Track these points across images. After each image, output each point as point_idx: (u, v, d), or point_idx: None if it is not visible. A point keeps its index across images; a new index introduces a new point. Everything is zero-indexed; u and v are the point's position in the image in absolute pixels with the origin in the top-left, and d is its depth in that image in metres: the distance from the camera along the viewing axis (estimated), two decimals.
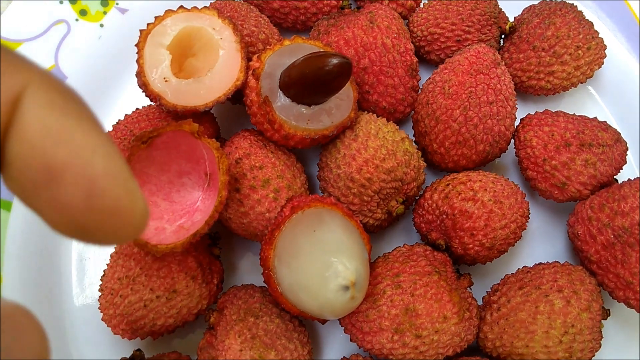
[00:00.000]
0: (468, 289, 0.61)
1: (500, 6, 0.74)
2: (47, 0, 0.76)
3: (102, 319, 0.62)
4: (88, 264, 0.71)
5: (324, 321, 0.60)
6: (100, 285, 0.63)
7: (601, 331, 0.59)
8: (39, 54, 0.75)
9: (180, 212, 0.60)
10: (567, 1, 0.73)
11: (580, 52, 0.69)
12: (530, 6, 0.75)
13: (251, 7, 0.72)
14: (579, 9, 0.72)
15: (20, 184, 0.21)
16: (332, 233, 0.55)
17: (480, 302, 0.64)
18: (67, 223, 0.21)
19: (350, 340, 0.60)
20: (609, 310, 0.61)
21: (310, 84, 0.57)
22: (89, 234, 0.22)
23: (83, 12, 0.77)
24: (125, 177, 0.22)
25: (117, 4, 0.78)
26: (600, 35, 0.71)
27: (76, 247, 0.71)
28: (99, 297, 0.62)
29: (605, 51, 0.71)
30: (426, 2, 0.76)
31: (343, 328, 0.61)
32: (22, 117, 0.21)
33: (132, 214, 0.22)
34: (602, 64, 0.72)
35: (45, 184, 0.21)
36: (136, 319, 0.60)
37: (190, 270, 0.60)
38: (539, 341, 0.57)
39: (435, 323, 0.55)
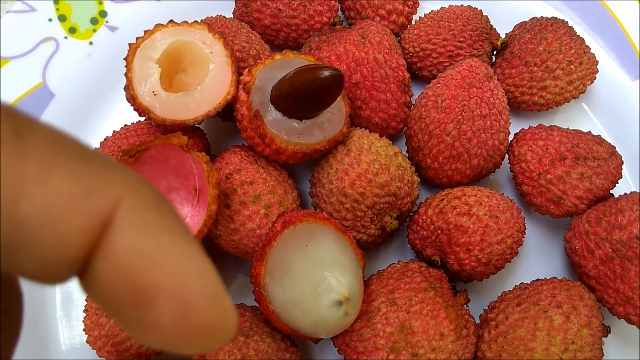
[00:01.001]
0: (465, 306, 0.59)
1: (491, 23, 0.75)
2: (35, 17, 0.75)
3: (87, 341, 0.59)
4: (72, 285, 0.68)
5: (317, 340, 0.58)
6: (85, 306, 0.60)
7: (602, 349, 0.58)
8: (27, 71, 0.74)
9: None
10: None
11: (572, 66, 0.69)
12: (522, 22, 0.75)
13: (242, 24, 0.71)
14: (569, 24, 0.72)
15: (105, 300, 0.20)
16: (325, 248, 0.53)
17: (477, 320, 0.62)
18: (155, 341, 0.20)
19: None
20: (609, 327, 0.59)
21: (301, 97, 0.56)
22: (177, 349, 0.20)
23: (72, 30, 0.76)
24: (219, 294, 0.21)
25: (106, 22, 0.78)
26: (591, 51, 0.71)
27: None
28: (84, 318, 0.60)
29: (597, 66, 0.71)
30: (417, 19, 0.76)
31: (337, 348, 0.59)
32: (113, 239, 0.19)
33: (223, 331, 0.21)
34: (595, 79, 0.71)
35: (135, 305, 0.19)
36: (122, 340, 0.57)
37: None
38: (539, 359, 0.55)
39: (432, 341, 0.53)
